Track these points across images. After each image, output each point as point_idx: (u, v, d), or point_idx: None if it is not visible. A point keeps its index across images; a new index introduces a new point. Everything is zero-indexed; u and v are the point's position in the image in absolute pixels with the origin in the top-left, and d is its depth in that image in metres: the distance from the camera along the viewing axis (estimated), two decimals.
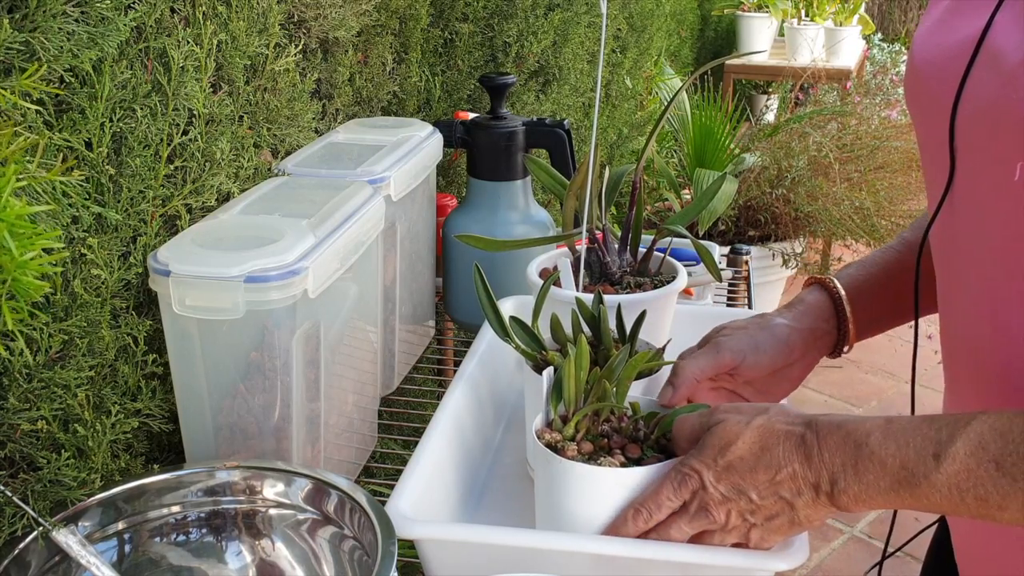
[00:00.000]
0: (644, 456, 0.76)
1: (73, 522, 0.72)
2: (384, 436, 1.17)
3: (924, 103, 0.72)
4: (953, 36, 0.68)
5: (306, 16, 1.11)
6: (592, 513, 0.74)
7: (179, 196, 0.88)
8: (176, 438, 0.88)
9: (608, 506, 0.74)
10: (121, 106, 0.79)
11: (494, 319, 0.85)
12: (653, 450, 0.77)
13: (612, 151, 2.77)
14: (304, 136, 1.10)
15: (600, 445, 0.77)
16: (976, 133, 0.64)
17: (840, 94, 3.76)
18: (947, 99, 0.66)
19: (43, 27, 0.67)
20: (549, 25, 1.83)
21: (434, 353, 1.34)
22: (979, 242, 0.67)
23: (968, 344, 0.70)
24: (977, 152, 0.65)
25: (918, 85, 0.72)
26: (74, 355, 0.76)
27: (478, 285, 0.86)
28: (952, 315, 0.73)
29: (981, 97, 0.63)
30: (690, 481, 0.70)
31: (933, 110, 0.69)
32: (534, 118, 1.26)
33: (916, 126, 0.75)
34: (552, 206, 2.01)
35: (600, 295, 0.85)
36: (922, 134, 0.74)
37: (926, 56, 0.71)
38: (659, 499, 0.71)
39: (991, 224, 0.65)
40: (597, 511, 0.74)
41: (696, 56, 4.34)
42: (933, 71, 0.69)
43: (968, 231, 0.68)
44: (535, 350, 0.84)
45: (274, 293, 0.78)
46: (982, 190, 0.65)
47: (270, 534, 0.79)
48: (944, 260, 0.73)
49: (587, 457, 0.75)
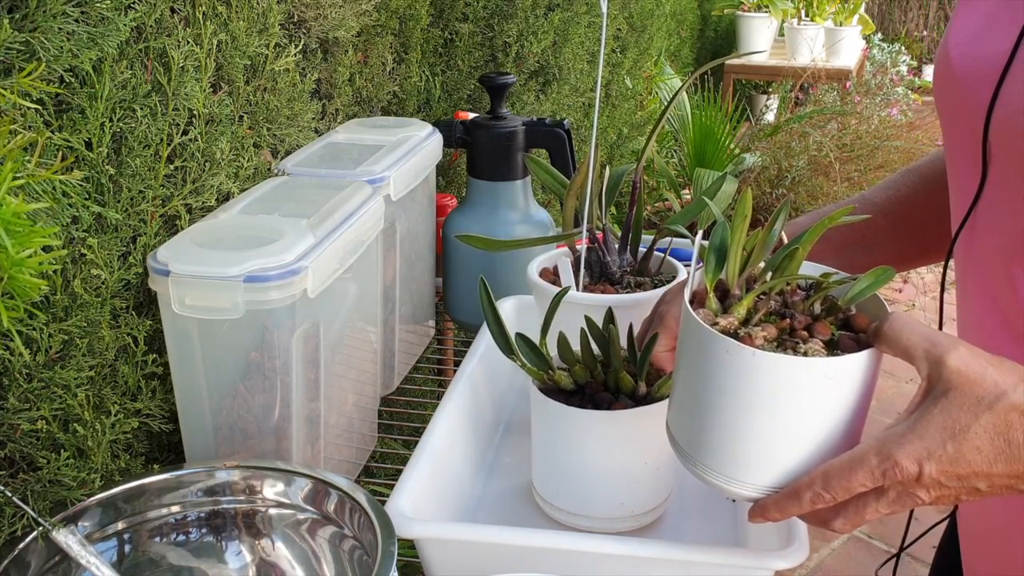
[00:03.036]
0: (834, 337, 0.62)
1: (73, 522, 0.72)
2: (384, 436, 1.17)
3: (957, 108, 0.70)
4: (992, 45, 0.66)
5: (306, 16, 1.11)
6: (796, 417, 0.60)
7: (179, 196, 0.88)
8: (176, 438, 0.88)
9: (817, 406, 0.60)
10: (121, 106, 0.79)
11: (499, 337, 0.82)
12: (835, 327, 0.63)
13: (612, 151, 2.77)
14: (304, 136, 1.10)
15: (780, 327, 0.62)
16: (1011, 137, 0.63)
17: (840, 94, 3.77)
18: (982, 104, 0.65)
19: (43, 27, 0.67)
20: (549, 25, 1.83)
21: (434, 353, 1.34)
22: (1008, 247, 0.66)
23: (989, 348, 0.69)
24: (1011, 157, 0.64)
25: (953, 89, 0.70)
26: (74, 355, 0.76)
27: (483, 299, 0.84)
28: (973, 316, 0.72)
29: (1017, 100, 0.62)
30: (900, 472, 0.58)
31: (966, 115, 0.67)
32: (534, 118, 1.26)
33: (946, 129, 0.73)
34: (552, 206, 2.01)
35: (611, 313, 0.81)
36: (952, 139, 0.72)
37: (963, 62, 0.69)
38: (850, 484, 0.59)
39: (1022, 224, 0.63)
40: (803, 414, 0.60)
41: (696, 56, 4.35)
42: (969, 75, 0.68)
43: (997, 236, 0.67)
44: (542, 369, 0.82)
45: (274, 293, 0.78)
46: (1014, 192, 0.64)
47: (270, 534, 0.79)
48: (968, 260, 0.72)
49: (776, 344, 0.61)
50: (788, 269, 0.64)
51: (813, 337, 0.61)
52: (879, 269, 0.64)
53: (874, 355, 0.60)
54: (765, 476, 0.63)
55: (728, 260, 0.64)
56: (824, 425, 0.61)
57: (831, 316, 0.64)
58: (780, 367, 0.58)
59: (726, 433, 0.62)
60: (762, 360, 0.58)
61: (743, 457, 0.62)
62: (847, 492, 0.60)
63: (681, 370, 0.66)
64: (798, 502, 0.61)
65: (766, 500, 0.63)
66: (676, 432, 0.68)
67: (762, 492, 0.63)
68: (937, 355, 0.58)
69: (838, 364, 0.59)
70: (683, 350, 0.65)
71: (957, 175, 0.73)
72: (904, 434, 0.58)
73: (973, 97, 0.66)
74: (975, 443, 0.57)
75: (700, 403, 0.63)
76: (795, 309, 0.63)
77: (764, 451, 0.62)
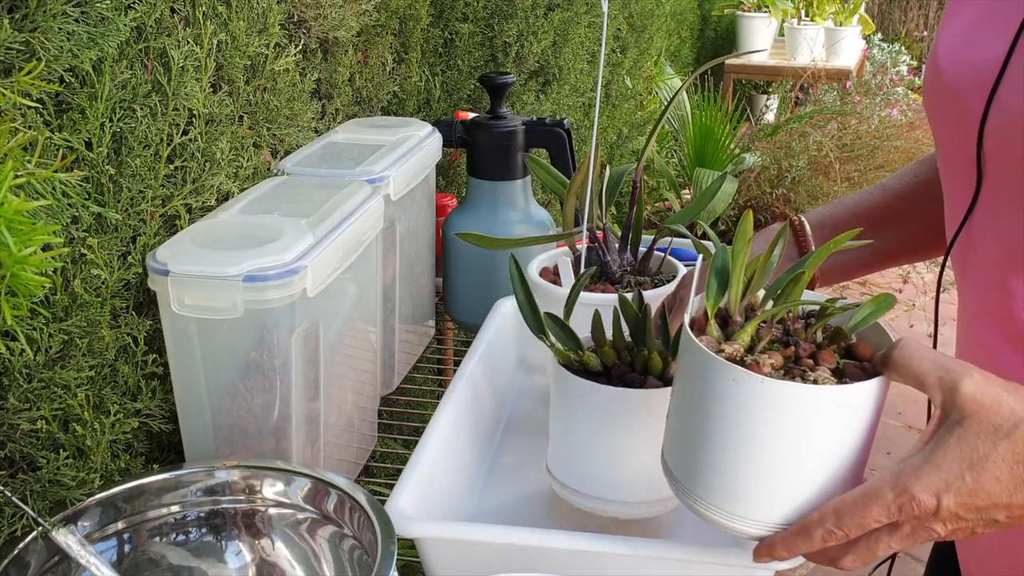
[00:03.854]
0: (839, 365, 0.61)
1: (72, 522, 0.72)
2: (384, 436, 1.17)
3: (949, 115, 0.69)
4: (983, 51, 0.65)
5: (306, 16, 1.11)
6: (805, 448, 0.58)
7: (179, 196, 0.88)
8: (176, 438, 0.88)
9: (826, 436, 0.58)
10: (121, 106, 0.79)
11: (530, 315, 0.80)
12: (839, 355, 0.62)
13: (612, 151, 2.77)
14: (304, 136, 1.10)
15: (786, 355, 0.61)
16: (1006, 143, 0.62)
17: (840, 94, 3.77)
18: (975, 113, 0.64)
19: (43, 27, 0.67)
20: (549, 25, 1.83)
21: (434, 353, 1.34)
22: (1005, 256, 0.65)
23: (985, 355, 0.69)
24: (1006, 163, 0.63)
25: (944, 97, 0.69)
26: (74, 355, 0.76)
27: (513, 276, 0.82)
28: (969, 322, 0.72)
29: (1011, 107, 0.61)
30: (917, 506, 0.55)
31: (959, 124, 0.67)
32: (534, 118, 1.26)
33: (939, 138, 0.72)
34: (552, 206, 2.01)
35: (641, 295, 0.79)
36: (945, 146, 0.71)
37: (954, 70, 0.68)
38: (864, 520, 0.57)
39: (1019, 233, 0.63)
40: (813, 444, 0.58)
41: (696, 56, 4.35)
42: (961, 83, 0.67)
43: (994, 244, 0.66)
44: (571, 349, 0.79)
45: (273, 292, 0.78)
46: (1011, 201, 0.63)
47: (270, 533, 0.79)
48: (965, 268, 0.71)
49: (783, 372, 0.59)
50: (792, 295, 0.62)
51: (819, 365, 0.59)
52: (880, 296, 0.62)
53: (884, 383, 0.58)
54: (771, 512, 0.60)
55: (731, 286, 0.62)
56: (833, 456, 0.59)
57: (833, 344, 0.62)
58: (790, 395, 0.56)
59: (729, 466, 0.59)
60: (771, 388, 0.56)
61: (747, 492, 0.60)
62: (860, 528, 0.57)
63: (680, 398, 0.63)
64: (808, 540, 0.59)
65: (773, 538, 0.61)
66: (673, 465, 0.65)
67: (768, 529, 0.61)
68: (951, 382, 0.56)
69: (850, 392, 0.57)
70: (683, 378, 0.62)
71: (951, 182, 0.72)
72: (920, 466, 0.56)
73: (966, 106, 0.66)
74: (994, 473, 0.55)
75: (701, 434, 0.60)
76: (797, 336, 0.62)
77: (770, 485, 0.59)
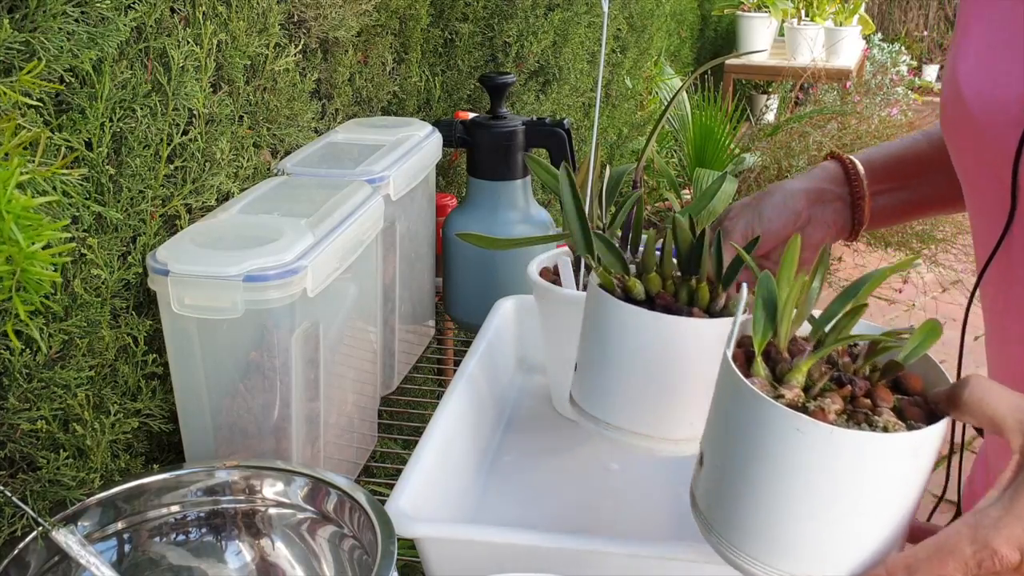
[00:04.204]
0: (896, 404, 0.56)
1: (72, 522, 0.72)
2: (384, 436, 1.17)
3: (977, 145, 0.67)
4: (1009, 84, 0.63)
5: (306, 16, 1.11)
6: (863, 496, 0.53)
7: (179, 196, 0.88)
8: (176, 438, 0.88)
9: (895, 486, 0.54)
10: (121, 106, 0.79)
11: (579, 229, 0.75)
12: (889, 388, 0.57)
13: (612, 151, 2.77)
14: (304, 136, 1.10)
15: (843, 395, 0.56)
16: None
17: (840, 94, 3.77)
18: (1007, 145, 0.61)
19: (43, 27, 0.67)
20: (549, 25, 1.83)
21: (434, 353, 1.34)
22: None
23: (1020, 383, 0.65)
24: None
25: (970, 128, 0.67)
26: (74, 355, 0.76)
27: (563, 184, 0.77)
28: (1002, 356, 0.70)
29: None
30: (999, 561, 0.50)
31: (989, 153, 0.64)
32: (534, 118, 1.26)
33: (963, 161, 0.70)
34: (552, 206, 2.01)
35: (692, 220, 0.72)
36: (971, 171, 0.69)
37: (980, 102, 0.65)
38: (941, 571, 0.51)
39: None
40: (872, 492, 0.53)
41: (696, 56, 4.35)
42: (990, 119, 0.64)
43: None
44: (619, 272, 0.73)
45: (273, 292, 0.78)
46: None
47: (270, 533, 0.79)
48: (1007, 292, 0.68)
49: (847, 418, 0.54)
50: (846, 329, 0.56)
51: (878, 406, 0.55)
52: (928, 324, 0.58)
53: (948, 425, 0.54)
54: (823, 568, 0.55)
55: (781, 321, 0.56)
56: (894, 505, 0.54)
57: (884, 379, 0.58)
58: (862, 446, 0.51)
59: (775, 517, 0.54)
60: (841, 439, 0.51)
61: (796, 545, 0.54)
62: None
63: (722, 437, 0.58)
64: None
65: None
66: (706, 508, 0.59)
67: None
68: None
69: (922, 438, 0.52)
70: (730, 419, 0.56)
71: (977, 203, 0.70)
72: (1001, 517, 0.51)
73: (996, 140, 0.63)
74: None
75: (744, 480, 0.55)
76: (846, 371, 0.57)
77: (823, 538, 0.54)
